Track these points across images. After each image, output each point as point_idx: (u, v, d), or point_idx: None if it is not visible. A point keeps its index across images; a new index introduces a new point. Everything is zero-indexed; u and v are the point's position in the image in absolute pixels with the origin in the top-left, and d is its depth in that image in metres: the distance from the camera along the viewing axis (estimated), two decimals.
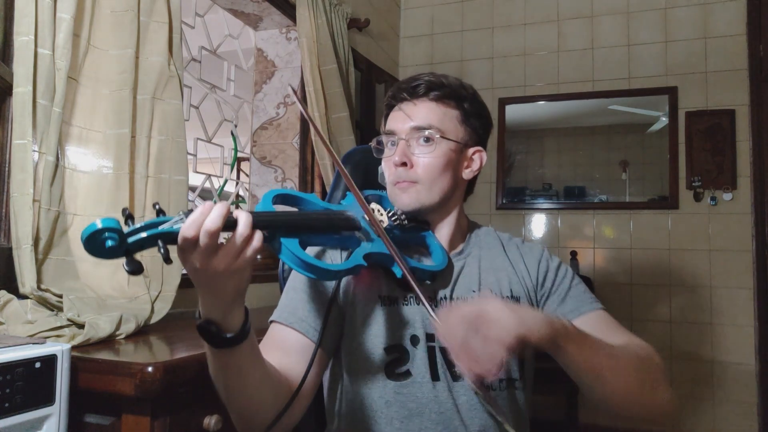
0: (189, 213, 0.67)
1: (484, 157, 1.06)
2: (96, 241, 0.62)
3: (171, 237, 0.66)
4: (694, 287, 3.03)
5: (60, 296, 1.23)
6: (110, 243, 0.62)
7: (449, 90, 1.01)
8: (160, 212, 0.68)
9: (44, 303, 1.22)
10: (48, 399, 0.92)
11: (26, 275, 1.20)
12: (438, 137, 0.99)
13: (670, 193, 3.08)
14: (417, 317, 0.97)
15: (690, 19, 3.12)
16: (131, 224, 0.65)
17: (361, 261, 0.87)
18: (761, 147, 2.93)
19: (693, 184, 3.03)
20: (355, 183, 0.95)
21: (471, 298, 1.00)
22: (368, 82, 3.03)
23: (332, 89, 2.45)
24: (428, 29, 3.63)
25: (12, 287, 1.22)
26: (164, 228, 0.66)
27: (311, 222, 0.87)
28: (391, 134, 1.02)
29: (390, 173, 1.02)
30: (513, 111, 3.42)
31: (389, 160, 1.01)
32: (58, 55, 1.27)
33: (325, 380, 1.04)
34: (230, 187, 2.89)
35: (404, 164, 0.99)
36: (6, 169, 1.26)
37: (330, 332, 0.95)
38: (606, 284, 3.16)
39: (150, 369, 0.99)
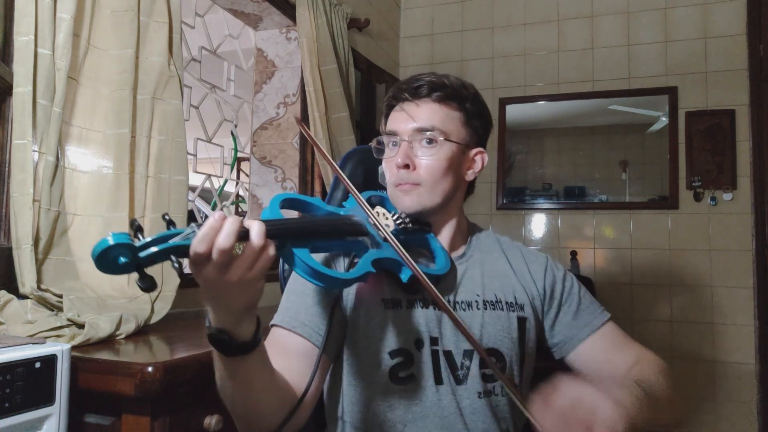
0: (200, 225, 0.65)
1: (486, 159, 1.05)
2: (108, 258, 0.60)
3: (183, 251, 0.64)
4: (695, 287, 3.03)
5: (60, 296, 1.23)
6: (123, 260, 0.60)
7: (452, 91, 1.00)
8: (170, 224, 0.66)
9: (44, 303, 1.22)
10: (48, 399, 0.92)
11: (26, 275, 1.20)
12: (441, 139, 0.97)
13: (670, 193, 3.08)
14: (421, 321, 0.97)
15: (690, 19, 3.12)
16: (141, 237, 0.63)
17: (370, 268, 0.86)
18: (761, 147, 2.92)
19: (693, 184, 3.03)
20: (355, 183, 0.95)
21: (475, 302, 1.00)
22: (368, 82, 3.03)
23: (332, 89, 2.45)
24: (428, 29, 3.63)
25: (12, 287, 1.22)
26: (176, 242, 0.64)
27: (321, 229, 0.86)
28: (393, 135, 1.00)
29: (391, 174, 1.00)
30: (513, 111, 3.42)
31: (391, 161, 1.00)
32: (58, 55, 1.27)
33: (325, 383, 1.03)
34: (230, 187, 2.89)
35: (407, 166, 0.97)
36: (6, 169, 1.26)
37: (333, 336, 0.94)
38: (606, 284, 3.16)
39: (150, 369, 0.99)
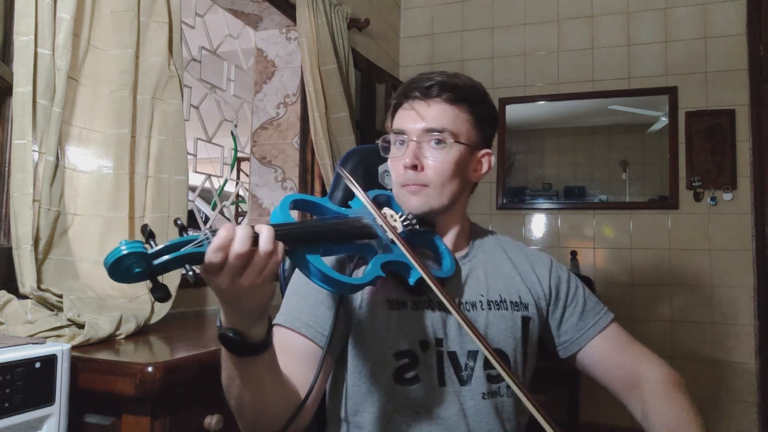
0: (214, 232, 0.65)
1: (493, 160, 1.04)
2: (121, 267, 0.58)
3: (197, 258, 0.64)
4: (695, 287, 3.03)
5: (60, 296, 1.23)
6: (137, 270, 0.59)
7: (463, 92, 0.98)
8: (183, 229, 0.66)
9: (44, 303, 1.22)
10: (48, 399, 0.92)
11: (26, 275, 1.20)
12: (451, 141, 0.96)
13: (670, 193, 3.08)
14: (427, 322, 0.96)
15: (690, 19, 3.12)
16: (153, 243, 0.62)
17: (380, 272, 0.85)
18: (761, 147, 2.92)
19: (693, 184, 3.03)
20: (356, 183, 0.94)
21: (479, 303, 1.00)
22: (368, 82, 3.03)
23: (332, 89, 2.45)
24: (428, 29, 3.63)
25: (12, 287, 1.22)
26: (189, 249, 0.63)
27: (330, 232, 0.85)
28: (401, 133, 0.98)
29: (398, 174, 0.98)
30: (513, 111, 3.42)
31: (397, 161, 0.98)
32: (58, 55, 1.27)
33: (327, 383, 1.02)
34: (230, 187, 2.89)
35: (414, 167, 0.95)
36: (6, 169, 1.26)
37: (336, 337, 0.93)
38: (607, 284, 3.16)
39: (150, 369, 0.99)
